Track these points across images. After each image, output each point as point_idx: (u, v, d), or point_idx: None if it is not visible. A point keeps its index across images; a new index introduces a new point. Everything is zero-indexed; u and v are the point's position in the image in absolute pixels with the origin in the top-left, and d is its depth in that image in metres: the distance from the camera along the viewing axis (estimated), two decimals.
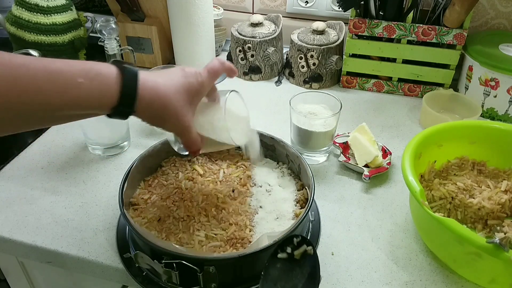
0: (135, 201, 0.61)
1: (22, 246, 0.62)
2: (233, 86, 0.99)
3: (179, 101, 0.49)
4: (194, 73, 0.51)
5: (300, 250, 0.49)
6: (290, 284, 0.47)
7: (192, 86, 0.50)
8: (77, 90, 0.42)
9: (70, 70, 0.42)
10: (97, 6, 1.22)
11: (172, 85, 0.48)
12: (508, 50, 0.87)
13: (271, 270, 0.48)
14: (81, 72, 0.42)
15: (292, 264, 0.49)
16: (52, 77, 0.41)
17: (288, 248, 0.49)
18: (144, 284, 0.55)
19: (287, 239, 0.50)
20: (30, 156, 0.77)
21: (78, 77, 0.42)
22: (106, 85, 0.44)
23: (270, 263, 0.49)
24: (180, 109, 0.49)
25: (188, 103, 0.50)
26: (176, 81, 0.49)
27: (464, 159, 0.68)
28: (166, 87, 0.48)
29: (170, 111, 0.48)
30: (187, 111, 0.50)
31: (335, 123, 0.73)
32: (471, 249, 0.50)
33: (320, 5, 1.07)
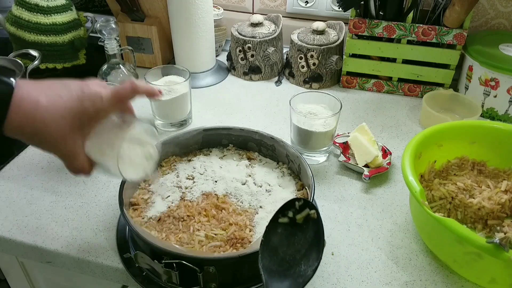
0: (135, 201, 0.61)
1: (22, 246, 0.62)
2: (233, 86, 0.99)
3: (61, 127, 0.44)
4: (93, 95, 0.45)
5: (303, 214, 0.46)
6: (293, 249, 0.45)
7: (85, 112, 0.45)
8: None
9: None
10: (97, 6, 1.22)
11: (57, 108, 0.43)
12: (508, 50, 0.87)
13: (272, 235, 0.45)
14: None
15: (294, 229, 0.46)
16: None
17: (290, 212, 0.47)
18: (144, 284, 0.55)
19: (288, 202, 0.47)
20: (30, 156, 0.77)
21: None
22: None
23: (271, 228, 0.46)
24: (62, 135, 0.44)
25: (76, 129, 0.45)
26: (65, 103, 0.43)
27: (464, 159, 0.68)
28: (47, 111, 0.42)
29: (46, 137, 0.43)
30: (71, 138, 0.45)
31: (335, 123, 0.73)
32: (471, 249, 0.50)
33: (320, 5, 1.07)
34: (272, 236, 0.46)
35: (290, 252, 0.45)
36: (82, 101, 0.45)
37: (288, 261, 0.44)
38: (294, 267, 0.44)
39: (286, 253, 0.45)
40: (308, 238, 0.45)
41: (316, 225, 0.46)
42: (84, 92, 0.45)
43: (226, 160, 0.69)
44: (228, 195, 0.62)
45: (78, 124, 0.45)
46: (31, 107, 0.42)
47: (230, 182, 0.64)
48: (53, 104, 0.43)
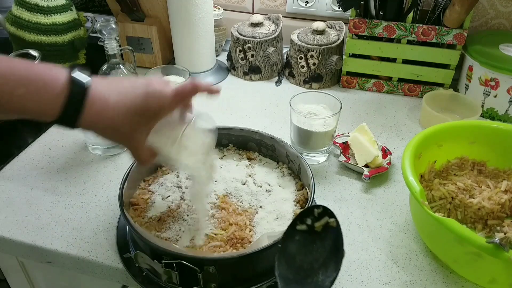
0: (135, 201, 0.61)
1: (22, 246, 0.62)
2: (233, 86, 0.99)
3: (127, 124, 0.47)
4: (157, 93, 0.48)
5: (322, 221, 0.45)
6: (310, 258, 0.43)
7: (149, 109, 0.47)
8: (18, 101, 0.41)
9: (13, 78, 0.40)
10: (97, 6, 1.22)
11: (124, 105, 0.46)
12: (508, 50, 0.87)
13: (289, 242, 0.44)
14: (23, 81, 0.41)
15: (312, 237, 0.45)
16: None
17: (308, 219, 0.46)
18: (144, 284, 0.55)
19: (307, 210, 0.46)
20: (30, 156, 0.77)
21: (21, 86, 0.40)
22: (48, 99, 0.42)
23: (288, 235, 0.45)
24: (127, 131, 0.47)
25: (141, 124, 0.48)
26: (132, 101, 0.46)
27: (464, 159, 0.68)
28: (115, 109, 0.45)
29: (114, 132, 0.47)
30: (136, 133, 0.48)
31: (335, 123, 0.73)
32: (471, 249, 0.50)
33: (320, 5, 1.07)
34: (290, 243, 0.45)
35: (307, 261, 0.44)
36: (146, 99, 0.47)
37: (305, 270, 0.43)
38: (312, 276, 0.42)
39: (303, 261, 0.44)
40: (327, 247, 0.44)
41: (335, 234, 0.44)
42: (148, 91, 0.47)
43: (226, 160, 0.69)
44: (228, 195, 0.62)
45: (142, 120, 0.48)
46: (102, 106, 0.45)
47: (230, 182, 0.64)
48: (120, 102, 0.46)
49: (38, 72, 0.42)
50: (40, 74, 0.42)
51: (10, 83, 0.40)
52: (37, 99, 0.42)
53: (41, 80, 0.42)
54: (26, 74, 0.41)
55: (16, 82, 0.41)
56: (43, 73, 0.42)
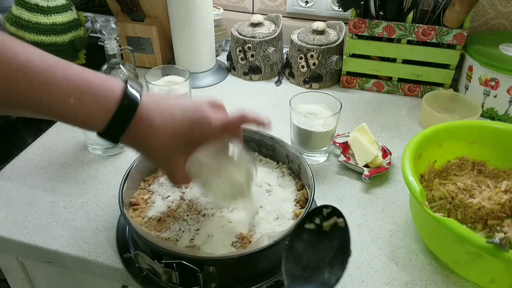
0: (135, 201, 0.61)
1: (22, 246, 0.62)
2: (233, 86, 0.99)
3: (167, 149, 0.46)
4: (204, 120, 0.47)
5: (330, 221, 0.46)
6: (317, 256, 0.44)
7: (192, 135, 0.47)
8: (66, 109, 0.41)
9: (67, 86, 0.40)
10: (97, 6, 1.22)
11: (167, 130, 0.45)
12: (508, 50, 0.87)
13: (297, 241, 0.45)
14: (77, 91, 0.40)
15: (320, 236, 0.45)
16: (46, 89, 0.39)
17: (317, 218, 0.46)
18: (144, 284, 0.55)
19: (316, 209, 0.46)
20: (30, 156, 0.77)
21: (73, 96, 0.40)
22: (98, 112, 0.42)
23: (296, 234, 0.45)
24: (166, 155, 0.47)
25: (180, 149, 0.48)
26: (177, 125, 0.46)
27: (464, 159, 0.68)
28: (159, 131, 0.45)
29: (152, 154, 0.47)
30: (174, 158, 0.48)
31: (335, 123, 0.73)
32: (471, 249, 0.50)
33: (320, 5, 1.07)
34: (297, 241, 0.45)
35: (314, 259, 0.44)
36: (191, 125, 0.46)
37: (312, 268, 0.44)
38: (318, 274, 0.43)
39: (310, 259, 0.44)
40: (334, 246, 0.45)
41: (343, 234, 0.45)
42: (196, 116, 0.47)
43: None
44: None
45: (183, 145, 0.47)
46: (146, 126, 0.44)
47: None
48: (164, 126, 0.45)
49: (93, 83, 0.42)
50: (96, 86, 0.42)
51: (63, 91, 0.40)
52: (87, 110, 0.42)
53: (94, 93, 0.41)
54: (81, 84, 0.41)
55: (70, 91, 0.40)
56: (99, 85, 0.42)
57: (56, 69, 0.40)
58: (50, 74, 0.39)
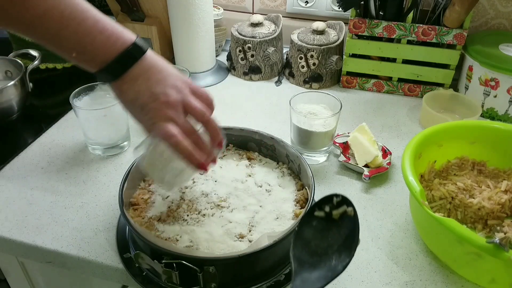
0: (135, 201, 0.61)
1: (22, 246, 0.62)
2: (233, 86, 0.99)
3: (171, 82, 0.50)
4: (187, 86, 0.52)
5: (340, 210, 0.46)
6: (325, 243, 0.45)
7: (181, 90, 0.51)
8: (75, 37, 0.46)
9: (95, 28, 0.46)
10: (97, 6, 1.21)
11: (169, 71, 0.51)
12: (508, 50, 0.87)
13: (306, 227, 0.46)
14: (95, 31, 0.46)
15: (329, 224, 0.46)
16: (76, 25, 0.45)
17: (327, 207, 0.47)
18: (144, 284, 0.55)
19: (326, 197, 0.47)
20: (30, 156, 0.77)
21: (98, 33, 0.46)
22: (108, 45, 0.47)
23: (306, 221, 0.46)
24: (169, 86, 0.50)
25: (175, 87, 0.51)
26: (173, 72, 0.51)
27: (464, 159, 0.68)
28: (164, 70, 0.50)
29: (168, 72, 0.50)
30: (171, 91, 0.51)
31: (335, 123, 0.73)
32: (471, 249, 0.50)
33: (320, 5, 1.07)
34: (306, 227, 0.46)
35: (322, 246, 0.45)
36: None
37: (319, 255, 0.44)
38: (325, 261, 0.44)
39: (318, 246, 0.45)
40: (343, 234, 0.45)
41: (352, 222, 0.46)
42: (185, 81, 0.52)
43: (226, 160, 0.69)
44: (228, 195, 0.62)
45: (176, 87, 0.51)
46: (149, 65, 0.50)
47: (230, 182, 0.64)
48: (166, 68, 0.51)
49: (115, 25, 0.48)
50: (116, 27, 0.48)
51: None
52: (103, 40, 0.47)
53: (114, 30, 0.48)
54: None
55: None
56: (118, 27, 0.49)
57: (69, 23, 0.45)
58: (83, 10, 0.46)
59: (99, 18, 0.47)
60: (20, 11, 0.43)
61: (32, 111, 0.90)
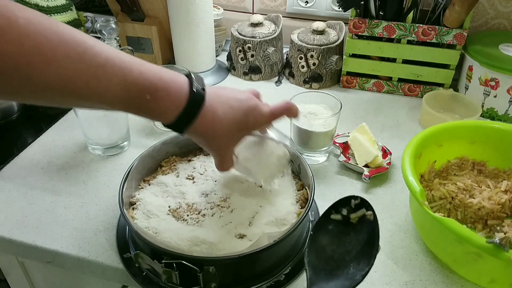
0: (135, 201, 0.61)
1: (22, 246, 0.62)
2: (233, 86, 0.99)
3: (226, 136, 0.50)
4: (257, 110, 0.51)
5: (358, 213, 0.44)
6: (343, 249, 0.42)
7: (248, 124, 0.51)
8: (142, 104, 0.44)
9: (143, 83, 0.43)
10: (97, 6, 1.22)
11: (227, 120, 0.49)
12: (508, 50, 0.87)
13: (321, 231, 0.43)
14: (151, 88, 0.43)
15: (346, 228, 0.43)
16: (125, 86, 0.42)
17: (344, 209, 0.45)
18: (144, 284, 0.55)
19: (344, 199, 0.45)
20: (30, 156, 0.77)
21: (147, 93, 0.43)
22: (169, 107, 0.45)
23: (321, 224, 0.44)
24: (224, 142, 0.51)
25: (236, 137, 0.52)
26: (234, 116, 0.50)
27: (464, 159, 0.68)
28: (222, 121, 0.49)
29: (212, 142, 0.50)
30: (229, 144, 0.52)
31: (335, 123, 0.73)
32: (471, 249, 0.50)
33: (320, 5, 1.07)
34: (322, 232, 0.44)
35: (339, 252, 0.42)
36: (246, 113, 0.50)
37: (336, 261, 0.42)
38: (342, 268, 0.41)
39: (335, 252, 0.42)
40: (361, 240, 0.43)
41: (371, 227, 0.43)
42: (249, 105, 0.51)
43: None
44: (228, 195, 0.62)
45: (238, 133, 0.52)
46: (212, 117, 0.48)
47: (230, 182, 0.64)
48: (225, 116, 0.49)
49: (166, 80, 0.45)
50: (168, 82, 0.45)
51: (140, 88, 0.43)
52: (161, 105, 0.45)
53: (167, 89, 0.45)
54: (155, 80, 0.44)
55: (146, 87, 0.43)
56: (171, 81, 0.45)
57: (132, 67, 0.42)
58: (127, 71, 0.42)
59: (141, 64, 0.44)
60: None
61: (32, 111, 0.90)
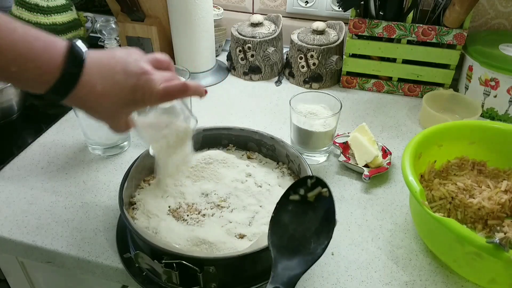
0: (135, 201, 0.61)
1: (22, 246, 0.62)
2: (233, 86, 0.99)
3: (109, 111, 0.48)
4: (147, 88, 0.47)
5: (314, 192, 0.46)
6: (303, 227, 0.44)
7: (134, 101, 0.47)
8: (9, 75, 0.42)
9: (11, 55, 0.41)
10: (97, 6, 1.22)
11: (111, 94, 0.46)
12: (508, 50, 0.87)
13: (282, 212, 0.45)
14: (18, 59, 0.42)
15: (305, 207, 0.46)
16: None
17: (301, 189, 0.46)
18: (144, 284, 0.55)
19: (300, 180, 0.46)
20: (30, 156, 0.77)
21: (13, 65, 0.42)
22: (38, 79, 0.43)
23: (281, 205, 0.46)
24: (110, 113, 0.48)
25: (123, 110, 0.49)
26: (118, 91, 0.47)
27: (464, 159, 0.68)
28: (102, 97, 0.46)
29: (96, 113, 0.48)
30: (115, 114, 0.49)
31: (335, 123, 0.73)
32: (471, 249, 0.50)
33: (320, 5, 1.07)
34: (283, 213, 0.45)
35: (300, 230, 0.44)
36: (134, 92, 0.47)
37: (298, 239, 0.44)
38: (304, 244, 0.43)
39: (296, 230, 0.44)
40: (319, 216, 0.45)
41: (327, 203, 0.45)
42: (139, 82, 0.46)
43: (226, 160, 0.69)
44: (228, 195, 0.62)
45: (124, 105, 0.48)
46: (88, 92, 0.45)
47: (230, 182, 0.64)
48: (105, 91, 0.46)
49: (36, 50, 0.42)
50: (39, 53, 0.42)
51: (7, 59, 0.41)
52: (30, 77, 0.43)
53: (37, 61, 0.42)
54: (24, 51, 0.42)
55: (13, 59, 0.41)
56: (42, 51, 0.42)
57: (1, 34, 0.41)
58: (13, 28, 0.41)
59: (28, 28, 0.43)
60: None
61: (32, 111, 0.90)
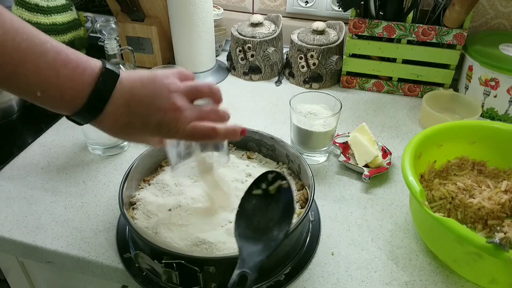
0: (135, 201, 0.61)
1: (22, 246, 0.62)
2: (233, 86, 0.99)
3: (132, 137, 0.48)
4: (170, 125, 0.46)
5: (275, 185, 0.50)
6: (266, 218, 0.48)
7: (160, 134, 0.47)
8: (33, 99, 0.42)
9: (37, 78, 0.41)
10: (97, 6, 1.22)
11: (135, 127, 0.46)
12: (508, 50, 0.87)
13: (247, 206, 0.49)
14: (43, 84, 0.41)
15: (267, 200, 0.50)
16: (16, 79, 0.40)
17: (263, 184, 0.50)
18: (144, 284, 0.55)
19: (261, 175, 0.50)
20: (30, 156, 0.77)
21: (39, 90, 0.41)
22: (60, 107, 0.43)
23: (246, 200, 0.50)
24: (133, 139, 0.49)
25: (148, 137, 0.49)
26: (142, 125, 0.46)
27: (464, 159, 0.68)
28: (122, 129, 0.46)
29: (121, 137, 0.48)
30: (138, 139, 0.50)
31: (335, 123, 0.73)
32: (471, 249, 0.50)
33: (320, 5, 1.07)
34: (247, 206, 0.49)
35: (264, 221, 0.48)
36: (159, 128, 0.46)
37: (262, 229, 0.47)
38: (267, 233, 0.47)
39: (260, 222, 0.48)
40: (281, 206, 0.49)
41: (287, 194, 0.49)
42: (165, 120, 0.45)
43: None
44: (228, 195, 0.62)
45: (150, 135, 0.48)
46: (111, 122, 0.45)
47: (230, 182, 0.64)
48: (132, 124, 0.45)
49: (63, 79, 0.42)
50: (64, 81, 0.42)
51: (29, 83, 0.41)
52: (53, 101, 0.43)
53: (61, 90, 0.42)
54: (49, 77, 0.41)
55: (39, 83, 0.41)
56: (69, 80, 0.42)
57: (29, 57, 0.40)
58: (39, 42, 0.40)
59: (60, 50, 0.42)
60: None
61: (32, 111, 0.90)
